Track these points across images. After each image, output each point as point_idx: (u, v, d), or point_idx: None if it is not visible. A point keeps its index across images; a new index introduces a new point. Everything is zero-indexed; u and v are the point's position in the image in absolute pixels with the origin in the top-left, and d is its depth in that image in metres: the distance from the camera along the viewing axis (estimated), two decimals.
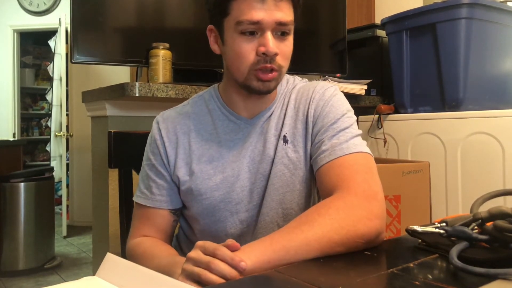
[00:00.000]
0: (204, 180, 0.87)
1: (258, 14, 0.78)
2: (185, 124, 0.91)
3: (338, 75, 2.09)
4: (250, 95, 0.87)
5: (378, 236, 0.70)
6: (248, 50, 0.81)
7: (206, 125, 0.91)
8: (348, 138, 0.83)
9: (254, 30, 0.80)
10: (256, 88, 0.83)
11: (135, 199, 0.95)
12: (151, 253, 0.85)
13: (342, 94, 0.93)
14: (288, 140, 0.89)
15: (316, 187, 0.89)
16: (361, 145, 0.84)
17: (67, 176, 4.31)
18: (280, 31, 0.81)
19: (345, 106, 0.90)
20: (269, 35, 0.80)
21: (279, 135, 0.89)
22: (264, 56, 0.80)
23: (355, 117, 0.90)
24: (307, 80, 0.97)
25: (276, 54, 0.80)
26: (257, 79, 0.82)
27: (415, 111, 1.95)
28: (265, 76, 0.82)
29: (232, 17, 0.80)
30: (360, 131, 0.87)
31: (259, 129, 0.90)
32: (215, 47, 0.89)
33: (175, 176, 0.90)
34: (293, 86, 0.94)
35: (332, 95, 0.90)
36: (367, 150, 0.84)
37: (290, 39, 0.84)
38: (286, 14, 0.80)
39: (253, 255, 0.62)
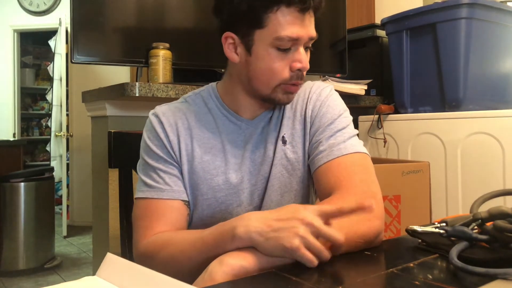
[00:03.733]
0: (206, 180, 0.86)
1: (298, 30, 0.78)
2: (186, 119, 0.88)
3: (338, 75, 2.10)
4: (256, 99, 0.87)
5: (377, 236, 0.70)
6: (282, 66, 0.80)
7: (208, 123, 0.88)
8: (346, 138, 0.84)
9: (292, 46, 0.80)
10: (281, 100, 0.84)
11: (141, 195, 0.84)
12: (179, 234, 0.77)
13: (337, 93, 0.93)
14: (286, 141, 0.88)
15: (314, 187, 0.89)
16: (358, 145, 0.84)
17: (67, 176, 4.31)
18: (308, 45, 0.83)
19: (341, 106, 0.90)
20: (302, 50, 0.80)
21: (278, 136, 0.89)
22: (298, 72, 0.81)
23: (351, 117, 0.90)
24: None
25: (307, 69, 0.82)
26: (284, 92, 0.83)
27: (415, 111, 1.95)
28: (293, 88, 0.83)
29: (269, 30, 0.78)
30: (356, 131, 0.88)
31: (260, 130, 0.89)
32: (232, 56, 0.84)
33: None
34: None
35: (328, 95, 0.90)
36: (364, 150, 0.84)
37: (309, 52, 0.85)
38: (314, 29, 0.82)
39: (258, 255, 0.61)
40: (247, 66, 0.83)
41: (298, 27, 0.78)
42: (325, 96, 0.90)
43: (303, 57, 0.80)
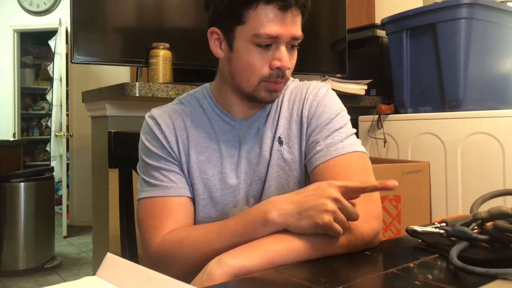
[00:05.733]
0: (202, 180, 0.86)
1: (277, 28, 0.77)
2: (182, 120, 0.88)
3: (338, 75, 2.09)
4: (244, 98, 0.86)
5: (376, 237, 0.70)
6: (261, 63, 0.80)
7: (203, 123, 0.89)
8: (343, 137, 0.83)
9: (271, 43, 0.79)
10: (263, 98, 0.83)
11: (146, 195, 0.84)
12: (198, 228, 0.77)
13: (335, 93, 0.93)
14: (283, 141, 0.88)
15: None
16: (355, 144, 0.84)
17: (67, 176, 4.31)
18: (292, 44, 0.81)
19: (339, 105, 0.89)
20: (283, 49, 0.79)
21: (274, 137, 0.88)
22: (278, 70, 0.80)
23: (348, 116, 0.89)
24: (298, 80, 0.96)
25: (289, 69, 0.81)
26: (266, 90, 0.82)
27: (415, 111, 1.95)
28: (275, 86, 0.82)
29: (248, 27, 0.78)
30: (354, 130, 0.87)
31: (255, 130, 0.89)
32: (217, 51, 0.86)
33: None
34: (285, 87, 0.93)
35: (325, 94, 0.90)
36: (362, 148, 0.84)
37: (296, 51, 0.84)
38: (299, 28, 0.80)
39: (257, 254, 0.62)
40: (230, 62, 0.84)
41: (277, 25, 0.77)
42: (322, 96, 0.89)
43: (283, 56, 0.79)
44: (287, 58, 0.79)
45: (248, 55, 0.79)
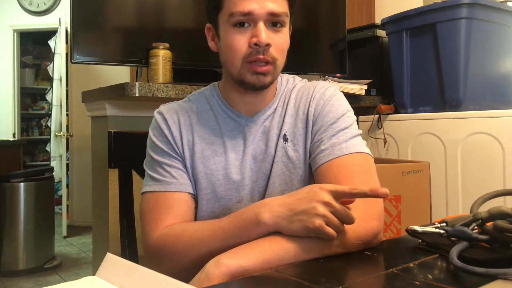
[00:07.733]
0: (206, 175, 0.87)
1: (250, 5, 0.78)
2: (188, 117, 0.90)
3: (338, 75, 2.10)
4: (247, 91, 0.87)
5: (376, 237, 0.70)
6: (240, 43, 0.80)
7: (209, 120, 0.90)
8: (348, 138, 0.83)
9: (246, 21, 0.80)
10: (251, 82, 0.82)
11: (149, 189, 0.86)
12: (194, 225, 0.79)
13: (342, 94, 0.93)
14: (288, 138, 0.88)
15: None
16: (360, 145, 0.84)
17: (67, 176, 4.31)
18: (273, 22, 0.81)
19: (345, 106, 0.90)
20: (261, 25, 0.79)
21: (279, 134, 0.89)
22: (257, 47, 0.79)
23: (355, 117, 0.90)
24: (306, 80, 0.97)
25: (268, 45, 0.80)
26: (252, 72, 0.82)
27: (415, 111, 1.95)
28: (260, 68, 0.81)
29: (225, 10, 0.81)
30: (360, 131, 0.87)
31: (261, 127, 0.89)
32: (212, 45, 0.90)
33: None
34: (293, 85, 0.94)
35: (332, 94, 0.90)
36: (367, 150, 0.84)
37: (284, 32, 0.83)
38: (279, 5, 0.80)
39: (253, 255, 0.62)
40: (220, 52, 0.87)
41: (249, 2, 0.78)
42: (329, 96, 0.89)
43: (260, 32, 0.79)
44: (264, 34, 0.79)
45: (228, 37, 0.82)
